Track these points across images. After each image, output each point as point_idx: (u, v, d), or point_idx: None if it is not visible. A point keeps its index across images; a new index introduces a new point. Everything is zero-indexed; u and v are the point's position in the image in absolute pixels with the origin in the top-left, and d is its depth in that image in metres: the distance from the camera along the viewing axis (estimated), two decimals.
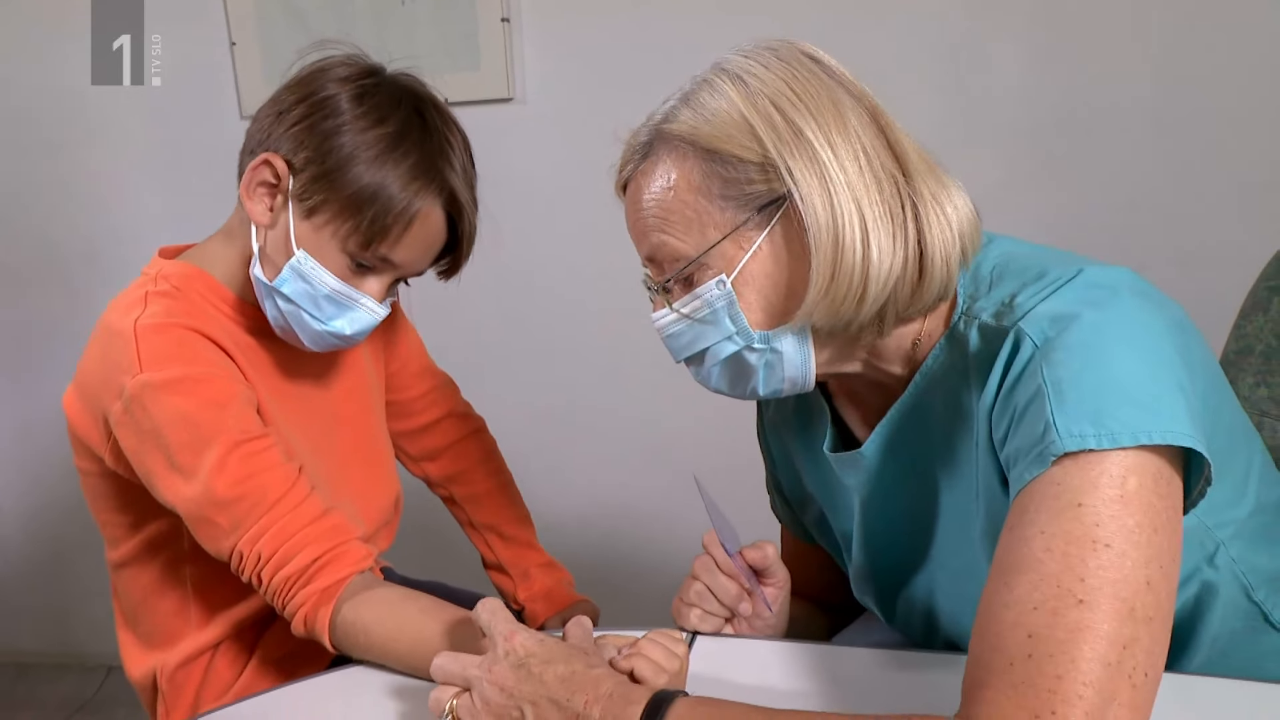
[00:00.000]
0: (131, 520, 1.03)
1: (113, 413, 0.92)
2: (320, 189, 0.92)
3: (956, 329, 0.76)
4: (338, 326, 0.97)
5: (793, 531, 1.08)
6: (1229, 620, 0.79)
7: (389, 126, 0.92)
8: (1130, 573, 0.59)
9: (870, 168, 0.72)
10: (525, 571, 1.26)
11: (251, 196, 0.95)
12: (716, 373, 0.80)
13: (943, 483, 0.81)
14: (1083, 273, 0.70)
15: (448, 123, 0.97)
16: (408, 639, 0.86)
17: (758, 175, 0.73)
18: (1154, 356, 0.66)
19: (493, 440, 1.32)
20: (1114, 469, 0.62)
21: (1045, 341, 0.67)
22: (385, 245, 0.94)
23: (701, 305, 0.76)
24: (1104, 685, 0.56)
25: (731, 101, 0.73)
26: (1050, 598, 0.59)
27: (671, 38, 1.76)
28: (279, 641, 1.08)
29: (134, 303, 0.95)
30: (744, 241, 0.74)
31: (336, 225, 0.93)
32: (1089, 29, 1.65)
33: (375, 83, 0.95)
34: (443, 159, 0.95)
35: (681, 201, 0.75)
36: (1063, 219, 1.71)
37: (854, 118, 0.73)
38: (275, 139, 0.94)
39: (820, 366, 0.78)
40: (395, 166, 0.92)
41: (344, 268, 0.95)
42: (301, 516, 0.91)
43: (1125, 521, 0.60)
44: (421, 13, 1.83)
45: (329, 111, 0.92)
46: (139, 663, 1.08)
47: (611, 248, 1.68)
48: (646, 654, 0.74)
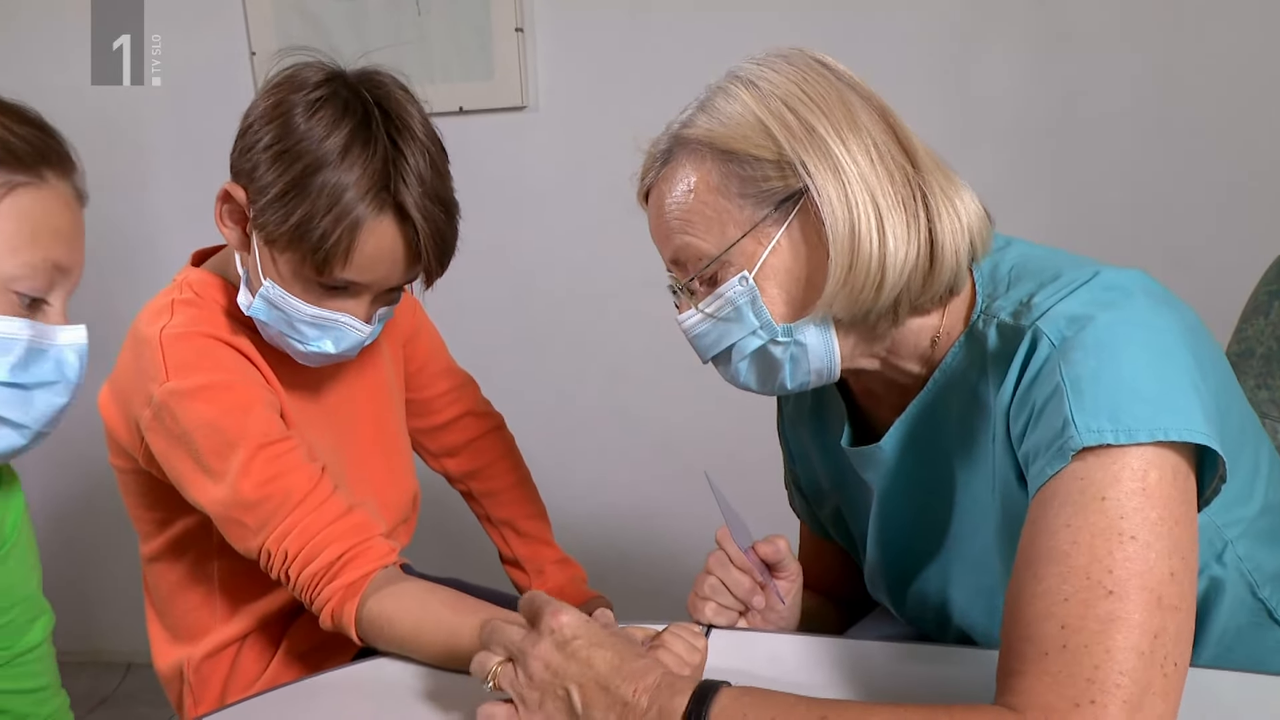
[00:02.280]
0: (161, 517, 1.06)
1: (143, 418, 0.95)
2: (270, 217, 0.91)
3: (975, 327, 0.78)
4: (323, 347, 0.97)
5: (809, 526, 1.10)
6: (1235, 616, 0.81)
7: (331, 144, 0.89)
8: (1155, 564, 0.61)
9: (881, 161, 0.74)
10: (540, 567, 1.29)
11: (223, 224, 0.96)
12: (744, 368, 0.82)
13: (959, 476, 0.83)
14: (1099, 275, 0.73)
15: (401, 129, 0.92)
16: (430, 631, 0.88)
17: (774, 172, 0.75)
18: (1168, 356, 0.68)
19: (511, 437, 1.34)
20: (1135, 463, 0.64)
21: (1063, 341, 0.69)
22: (339, 268, 0.91)
23: (725, 303, 0.78)
24: (1139, 674, 0.59)
25: (745, 104, 0.76)
26: (1080, 589, 0.61)
27: (681, 47, 1.79)
28: (305, 635, 1.11)
29: (161, 310, 0.98)
30: (763, 237, 0.76)
31: (291, 253, 0.91)
32: (1087, 32, 1.67)
33: (320, 97, 0.91)
34: (392, 170, 0.90)
35: (702, 202, 0.77)
36: (1062, 222, 1.72)
37: (864, 115, 0.76)
38: (239, 163, 0.94)
39: (844, 360, 0.80)
40: (335, 186, 0.88)
41: (315, 291, 0.94)
42: (325, 515, 0.94)
43: (1149, 514, 0.63)
44: (437, 23, 1.86)
45: (277, 134, 0.90)
46: (166, 655, 1.11)
47: (623, 252, 1.71)
48: (670, 647, 0.76)
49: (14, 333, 0.67)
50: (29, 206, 0.67)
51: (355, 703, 0.88)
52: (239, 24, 1.94)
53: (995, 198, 0.82)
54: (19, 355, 0.67)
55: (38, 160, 0.68)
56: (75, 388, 0.72)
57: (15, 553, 0.82)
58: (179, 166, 2.02)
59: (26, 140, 0.68)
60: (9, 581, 0.82)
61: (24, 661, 0.83)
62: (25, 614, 0.83)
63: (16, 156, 0.67)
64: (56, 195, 0.70)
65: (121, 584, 1.91)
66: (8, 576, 0.81)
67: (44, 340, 0.69)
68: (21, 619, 0.83)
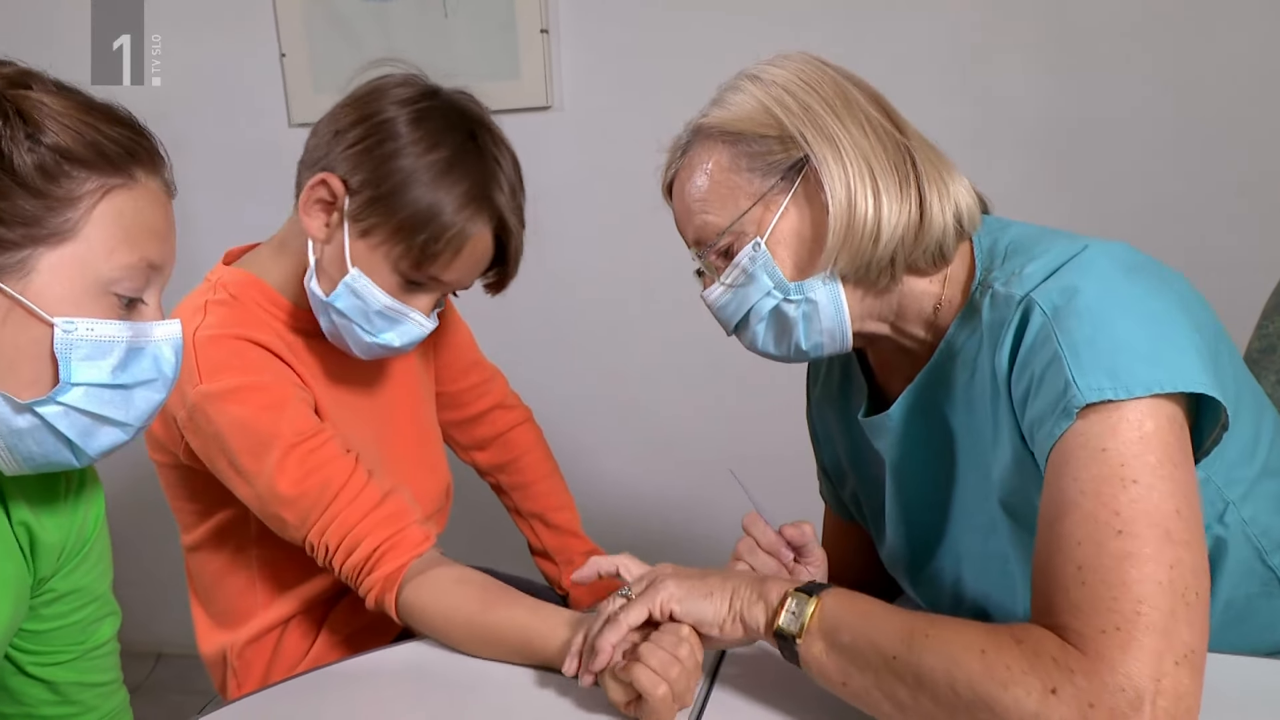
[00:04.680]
0: (201, 508, 1.09)
1: (179, 418, 0.98)
2: (375, 212, 0.96)
3: (974, 298, 0.84)
4: (387, 339, 1.01)
5: (834, 509, 1.15)
6: (1243, 584, 0.84)
7: (443, 151, 0.96)
8: (1159, 503, 0.65)
9: (875, 132, 0.83)
10: (570, 558, 1.32)
11: (309, 213, 0.99)
12: (762, 331, 0.88)
13: (965, 442, 0.87)
14: (1087, 247, 0.78)
15: (499, 145, 1.01)
16: (460, 625, 0.92)
17: (778, 147, 0.84)
18: (1160, 316, 0.72)
19: (539, 430, 1.37)
20: (1132, 415, 0.68)
21: (1054, 310, 0.73)
22: (435, 267, 0.98)
23: (741, 271, 0.86)
24: (1159, 601, 0.62)
25: (751, 94, 0.85)
26: (1091, 533, 0.65)
27: (703, 47, 1.80)
28: (346, 619, 1.14)
29: (195, 311, 1.01)
30: (772, 205, 0.84)
31: (389, 247, 0.97)
32: (1102, 33, 1.67)
33: (430, 106, 0.98)
34: (494, 183, 0.98)
35: (716, 182, 0.86)
36: (1080, 224, 1.70)
37: (858, 95, 0.85)
38: (333, 158, 0.98)
39: (854, 321, 0.86)
40: (448, 192, 0.95)
41: (395, 285, 0.99)
42: (361, 506, 0.97)
43: (1147, 459, 0.67)
44: (463, 24, 1.89)
45: (385, 135, 0.96)
46: (210, 640, 1.14)
47: (646, 249, 1.73)
48: (646, 660, 0.77)
49: (114, 335, 0.67)
50: (123, 208, 0.67)
51: (394, 684, 0.91)
52: (269, 25, 1.98)
53: (1014, 199, 0.85)
54: (120, 356, 0.68)
55: (128, 160, 0.68)
56: (171, 383, 0.72)
57: (94, 552, 0.84)
58: (211, 166, 2.06)
59: (117, 141, 0.67)
60: (87, 580, 0.83)
61: (94, 656, 0.85)
62: (97, 612, 0.85)
63: (108, 158, 0.66)
64: (148, 194, 0.69)
65: (150, 575, 1.94)
66: (86, 575, 0.83)
67: (141, 339, 0.69)
68: (94, 616, 0.85)
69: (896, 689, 0.68)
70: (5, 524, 0.76)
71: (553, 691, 0.85)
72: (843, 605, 0.74)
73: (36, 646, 0.82)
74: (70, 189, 0.65)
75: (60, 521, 0.79)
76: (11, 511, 0.76)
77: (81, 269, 0.66)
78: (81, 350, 0.66)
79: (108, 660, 0.87)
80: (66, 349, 0.65)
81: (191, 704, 2.09)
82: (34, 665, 0.82)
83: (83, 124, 0.65)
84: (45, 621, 0.81)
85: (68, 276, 0.65)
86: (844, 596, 0.75)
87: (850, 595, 0.75)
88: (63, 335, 0.65)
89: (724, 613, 0.79)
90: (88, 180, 0.65)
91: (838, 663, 0.71)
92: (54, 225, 0.64)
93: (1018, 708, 0.62)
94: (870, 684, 0.69)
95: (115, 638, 0.88)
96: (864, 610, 0.73)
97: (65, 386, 0.66)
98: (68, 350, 0.65)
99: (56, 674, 0.83)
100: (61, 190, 0.64)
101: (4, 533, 0.76)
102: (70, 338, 0.65)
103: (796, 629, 0.73)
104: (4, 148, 0.62)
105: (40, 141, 0.64)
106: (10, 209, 0.63)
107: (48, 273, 0.65)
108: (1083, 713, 0.60)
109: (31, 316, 0.64)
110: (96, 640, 0.85)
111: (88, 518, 0.82)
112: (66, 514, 0.80)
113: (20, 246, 0.63)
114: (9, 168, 0.63)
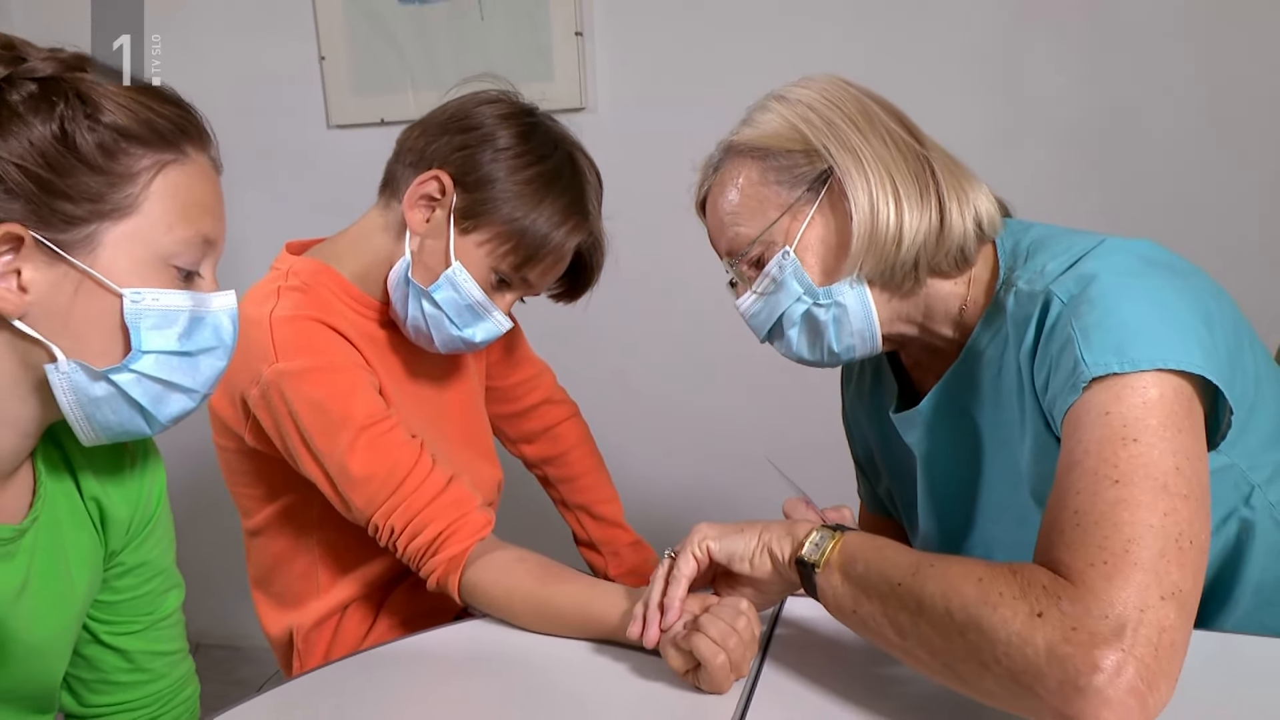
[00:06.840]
0: (263, 493, 1.13)
1: (251, 396, 1.01)
2: (483, 212, 1.03)
3: (999, 296, 0.87)
4: (470, 334, 1.07)
5: (869, 507, 1.18)
6: (1273, 567, 0.86)
7: (548, 165, 1.04)
8: (1159, 459, 0.67)
9: (895, 144, 0.87)
10: (616, 550, 1.35)
11: (414, 206, 1.04)
12: (795, 336, 0.93)
13: (995, 436, 0.90)
14: (1104, 242, 0.82)
15: (590, 165, 1.10)
16: (521, 600, 0.96)
17: (803, 160, 0.88)
18: (1168, 305, 0.75)
19: (585, 425, 1.40)
20: (1136, 384, 0.71)
21: (1070, 299, 0.77)
22: (531, 270, 1.06)
23: (771, 279, 0.91)
24: (1148, 542, 0.64)
25: (778, 113, 0.91)
26: (1090, 484, 0.68)
27: (736, 50, 1.84)
28: (404, 602, 1.18)
29: (268, 295, 1.04)
30: (799, 214, 0.89)
31: (493, 246, 1.04)
32: (1135, 30, 1.69)
33: (534, 123, 1.06)
34: (588, 200, 1.07)
35: (746, 196, 0.91)
36: (1112, 222, 1.73)
37: (879, 111, 0.89)
38: (441, 158, 1.03)
39: (883, 324, 0.90)
40: (553, 203, 1.03)
41: (488, 282, 1.05)
42: (427, 491, 1.00)
43: (1149, 421, 0.69)
44: (499, 27, 1.93)
45: (497, 144, 1.03)
46: (276, 622, 1.17)
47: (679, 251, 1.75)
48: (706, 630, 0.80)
49: (178, 305, 0.70)
50: (178, 182, 0.70)
51: (456, 661, 0.94)
52: (309, 28, 2.02)
53: (1044, 196, 0.88)
54: (184, 325, 0.71)
55: (180, 136, 0.70)
56: (230, 350, 0.76)
57: (159, 527, 0.87)
58: (254, 167, 2.10)
59: (168, 118, 0.70)
60: (153, 554, 0.87)
61: (162, 626, 0.89)
62: (163, 584, 0.89)
63: (161, 135, 0.69)
64: (199, 169, 0.72)
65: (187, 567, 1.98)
66: (153, 549, 0.87)
67: (201, 308, 0.72)
68: (160, 588, 0.88)
69: (899, 615, 0.71)
70: (78, 499, 0.80)
71: (608, 661, 0.89)
72: (862, 541, 0.77)
73: (110, 616, 0.85)
74: (129, 165, 0.67)
75: (126, 495, 0.83)
76: (82, 486, 0.80)
77: (144, 243, 0.68)
78: (150, 319, 0.69)
79: (174, 630, 0.91)
80: (136, 318, 0.68)
81: (229, 693, 2.12)
82: (108, 634, 0.85)
83: (136, 103, 0.68)
84: (117, 593, 0.85)
85: (131, 250, 0.68)
86: (865, 536, 0.78)
87: (871, 536, 0.78)
88: (131, 305, 0.68)
89: (753, 545, 0.83)
90: (144, 156, 0.68)
91: (850, 591, 0.75)
92: (116, 201, 0.67)
93: (1004, 627, 0.64)
94: (876, 610, 0.72)
95: (180, 609, 0.92)
96: (880, 545, 0.76)
97: (137, 354, 0.69)
98: (137, 319, 0.68)
99: (129, 643, 0.87)
100: (121, 167, 0.67)
101: (77, 507, 0.80)
102: (138, 307, 0.68)
103: (817, 558, 0.77)
104: (67, 128, 0.65)
105: (100, 121, 0.66)
106: (76, 186, 0.65)
107: (112, 247, 0.67)
108: (1065, 635, 0.61)
109: (101, 288, 0.67)
110: (164, 611, 0.89)
111: (151, 492, 0.86)
112: (132, 488, 0.84)
113: (87, 222, 0.66)
114: (73, 146, 0.65)
